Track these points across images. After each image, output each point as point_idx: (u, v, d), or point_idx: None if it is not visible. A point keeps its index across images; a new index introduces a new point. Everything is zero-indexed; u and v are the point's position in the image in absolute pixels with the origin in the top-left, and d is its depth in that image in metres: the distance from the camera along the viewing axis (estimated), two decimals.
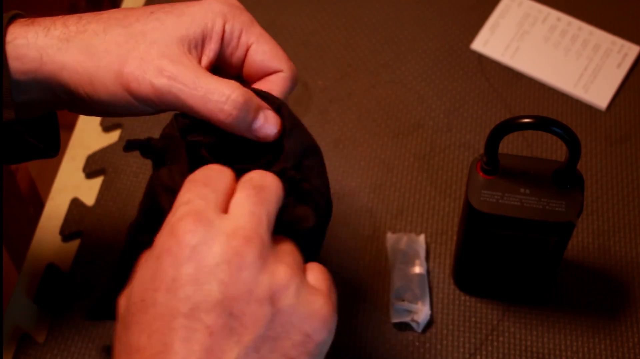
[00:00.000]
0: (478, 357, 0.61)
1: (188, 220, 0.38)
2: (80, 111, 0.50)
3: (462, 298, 0.64)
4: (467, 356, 0.61)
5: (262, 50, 0.47)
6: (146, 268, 0.39)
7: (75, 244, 0.67)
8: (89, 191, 0.69)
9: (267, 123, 0.44)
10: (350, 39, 0.79)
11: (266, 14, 0.81)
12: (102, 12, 0.47)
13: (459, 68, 0.77)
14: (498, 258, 0.58)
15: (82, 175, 0.71)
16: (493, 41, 0.78)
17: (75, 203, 0.68)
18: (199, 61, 0.46)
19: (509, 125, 0.51)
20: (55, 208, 0.69)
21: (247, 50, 0.47)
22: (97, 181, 0.70)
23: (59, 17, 0.46)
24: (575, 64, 0.76)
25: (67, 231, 0.67)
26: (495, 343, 0.62)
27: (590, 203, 0.68)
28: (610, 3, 0.80)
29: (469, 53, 0.78)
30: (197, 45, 0.45)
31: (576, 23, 0.78)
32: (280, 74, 0.48)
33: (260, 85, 0.48)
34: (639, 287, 0.64)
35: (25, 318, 0.64)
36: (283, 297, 0.38)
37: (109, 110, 0.46)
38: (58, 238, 0.68)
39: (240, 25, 0.46)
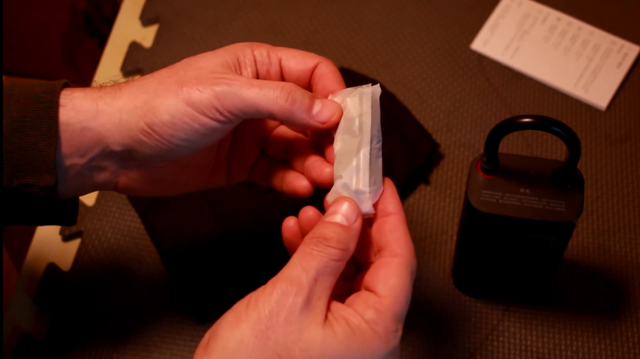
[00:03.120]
0: (478, 357, 0.61)
1: None
2: (130, 181, 0.51)
3: (462, 298, 0.64)
4: (467, 356, 0.61)
5: (292, 56, 0.51)
6: None
7: (75, 244, 0.67)
8: None
9: (325, 107, 0.49)
10: (350, 39, 0.79)
11: (266, 14, 0.81)
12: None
13: (459, 68, 0.77)
14: (498, 258, 0.58)
15: None
16: (493, 41, 0.78)
17: None
18: None
19: (509, 125, 0.51)
20: None
21: (280, 64, 0.51)
22: None
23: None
24: (575, 64, 0.76)
25: (67, 231, 0.67)
26: (495, 343, 0.62)
27: (590, 203, 0.68)
28: (610, 3, 0.80)
29: (469, 53, 0.78)
30: (235, 70, 0.49)
31: (576, 23, 0.78)
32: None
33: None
34: (639, 287, 0.64)
35: (25, 318, 0.64)
36: None
37: (170, 141, 0.48)
38: (58, 238, 0.68)
39: (266, 49, 0.51)
